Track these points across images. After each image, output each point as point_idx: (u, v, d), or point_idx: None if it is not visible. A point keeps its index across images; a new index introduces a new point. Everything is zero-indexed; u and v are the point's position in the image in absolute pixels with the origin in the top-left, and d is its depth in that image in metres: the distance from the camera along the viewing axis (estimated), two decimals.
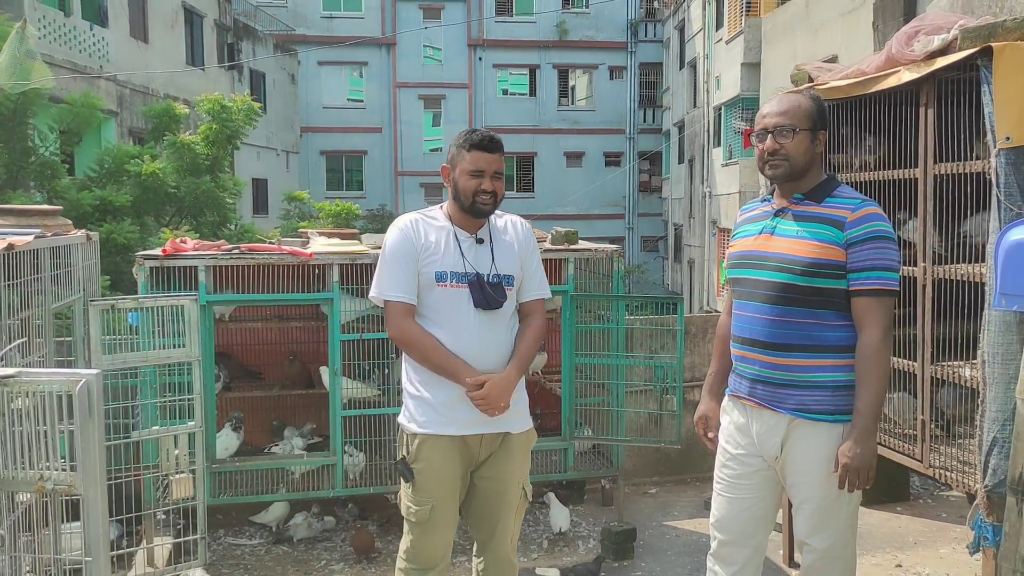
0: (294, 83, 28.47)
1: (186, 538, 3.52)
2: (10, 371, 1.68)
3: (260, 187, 24.24)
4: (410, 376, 2.83)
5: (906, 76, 3.19)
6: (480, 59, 31.60)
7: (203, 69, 20.90)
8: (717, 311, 20.36)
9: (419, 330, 2.75)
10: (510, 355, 2.82)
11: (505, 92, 32.75)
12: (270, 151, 25.39)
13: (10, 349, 1.93)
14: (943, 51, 3.06)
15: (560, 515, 4.55)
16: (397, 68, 31.15)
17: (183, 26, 20.52)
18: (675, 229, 29.11)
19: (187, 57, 20.61)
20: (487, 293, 2.74)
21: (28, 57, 3.99)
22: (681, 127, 27.83)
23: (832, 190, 2.62)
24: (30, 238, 2.34)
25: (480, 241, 2.83)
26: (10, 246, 2.09)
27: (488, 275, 2.78)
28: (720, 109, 22.77)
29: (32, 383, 1.69)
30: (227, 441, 4.35)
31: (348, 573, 4.23)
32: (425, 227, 2.81)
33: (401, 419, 2.85)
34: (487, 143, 2.77)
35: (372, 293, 2.82)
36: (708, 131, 23.93)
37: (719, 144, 22.88)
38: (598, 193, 31.66)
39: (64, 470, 1.77)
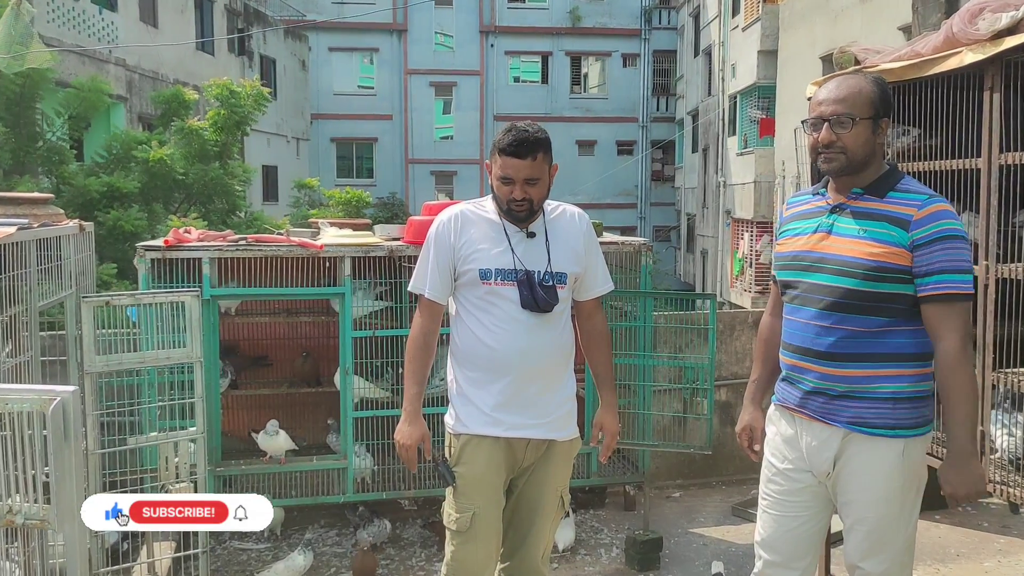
0: (304, 69, 28.17)
1: (186, 552, 3.29)
2: None
3: (270, 174, 24.02)
4: (456, 376, 2.64)
5: (969, 57, 2.92)
6: (492, 46, 31.21)
7: (212, 55, 20.66)
8: (733, 303, 20.06)
9: (421, 333, 2.62)
10: (562, 356, 2.66)
11: (517, 79, 32.34)
12: (280, 138, 25.15)
13: None
14: (1011, 30, 2.80)
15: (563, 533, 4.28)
16: (408, 55, 30.81)
17: (193, 11, 20.25)
18: (688, 219, 28.77)
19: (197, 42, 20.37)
20: (537, 294, 2.52)
21: (25, 36, 3.75)
22: (695, 116, 27.43)
23: (895, 183, 2.34)
24: (12, 230, 2.12)
25: (531, 235, 2.59)
26: None
27: (541, 273, 2.55)
28: (735, 97, 22.37)
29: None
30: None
31: None
32: (469, 221, 2.59)
33: (446, 419, 2.68)
34: (515, 148, 2.49)
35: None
36: (723, 120, 23.55)
37: (734, 133, 22.50)
38: (610, 182, 31.29)
39: (38, 502, 1.54)
